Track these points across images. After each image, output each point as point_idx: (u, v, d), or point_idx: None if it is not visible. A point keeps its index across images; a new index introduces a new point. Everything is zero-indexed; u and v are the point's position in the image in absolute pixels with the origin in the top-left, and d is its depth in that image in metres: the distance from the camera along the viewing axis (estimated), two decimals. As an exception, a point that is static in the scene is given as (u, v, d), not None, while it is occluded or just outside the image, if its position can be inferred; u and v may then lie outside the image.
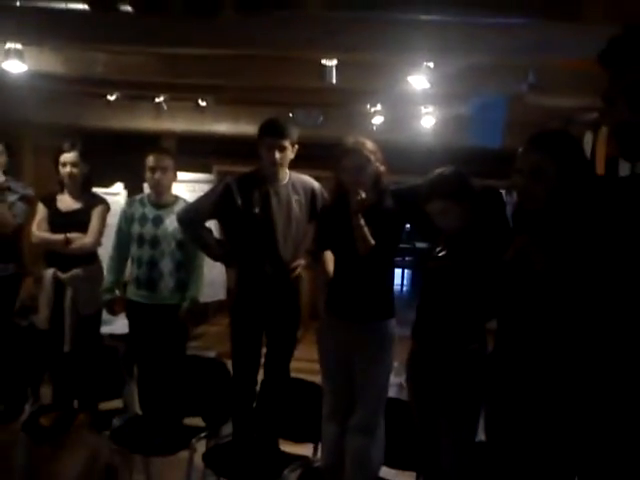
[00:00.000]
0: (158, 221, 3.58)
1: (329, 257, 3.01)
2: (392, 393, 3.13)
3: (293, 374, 3.31)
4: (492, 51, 2.97)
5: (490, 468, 2.18)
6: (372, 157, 2.76)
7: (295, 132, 3.11)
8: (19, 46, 3.39)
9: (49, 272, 3.51)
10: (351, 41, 3.18)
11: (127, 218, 3.62)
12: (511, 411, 2.07)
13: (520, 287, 2.04)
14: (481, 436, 2.41)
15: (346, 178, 2.77)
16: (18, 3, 3.28)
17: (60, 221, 3.52)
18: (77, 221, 3.51)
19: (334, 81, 3.47)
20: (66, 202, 3.58)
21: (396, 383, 3.67)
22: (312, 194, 3.20)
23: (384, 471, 2.88)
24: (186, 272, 3.63)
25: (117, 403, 3.59)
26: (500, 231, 2.30)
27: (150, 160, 3.58)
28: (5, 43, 3.37)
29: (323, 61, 3.52)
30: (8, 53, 3.40)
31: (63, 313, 3.47)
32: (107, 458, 3.26)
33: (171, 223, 3.54)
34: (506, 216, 2.39)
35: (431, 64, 3.33)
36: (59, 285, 3.48)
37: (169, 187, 3.65)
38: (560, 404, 1.93)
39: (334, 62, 3.46)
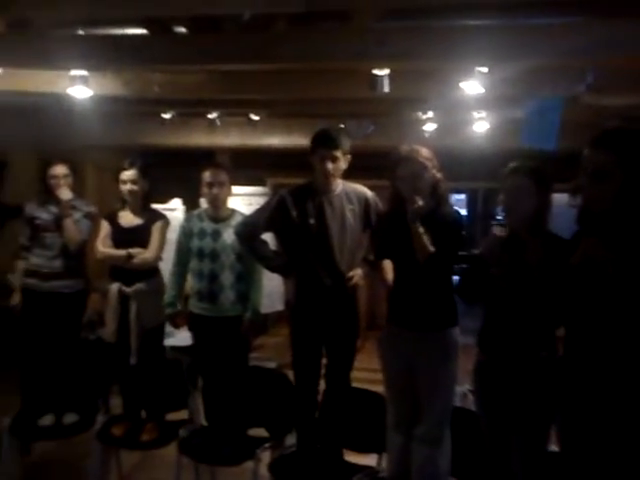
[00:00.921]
0: (216, 235, 3.66)
1: (388, 266, 3.01)
2: (456, 402, 3.10)
3: (353, 384, 3.31)
4: (550, 53, 2.91)
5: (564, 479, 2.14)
6: (428, 164, 2.76)
7: (347, 142, 3.13)
8: (85, 72, 3.54)
9: (114, 287, 3.62)
10: (402, 50, 3.17)
11: (186, 233, 3.71)
12: (586, 420, 2.02)
13: (590, 291, 1.98)
14: (552, 446, 2.37)
15: (402, 186, 2.77)
16: (82, 32, 3.42)
17: (122, 237, 3.63)
18: (138, 237, 3.61)
19: (386, 91, 3.47)
20: (128, 218, 3.69)
21: (460, 392, 3.63)
22: (366, 203, 3.21)
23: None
24: (246, 284, 3.69)
25: (183, 414, 3.66)
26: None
27: (207, 175, 3.66)
28: (70, 70, 3.52)
29: (374, 71, 3.53)
30: (74, 80, 3.55)
31: (128, 326, 3.57)
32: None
33: (229, 236, 3.61)
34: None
35: (484, 69, 3.30)
36: (124, 299, 3.59)
37: (225, 201, 3.73)
38: (636, 411, 1.88)
39: (386, 72, 3.46)
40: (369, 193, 3.25)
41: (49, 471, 3.89)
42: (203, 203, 3.99)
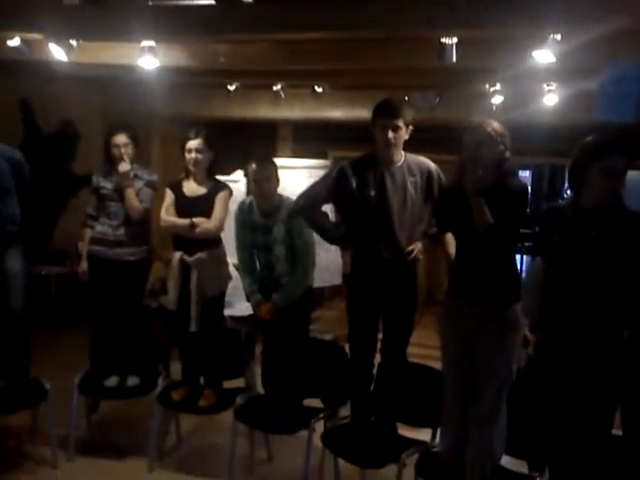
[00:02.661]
0: (267, 230, 3.66)
1: (451, 240, 2.94)
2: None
3: (408, 359, 3.28)
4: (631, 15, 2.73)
5: (628, 464, 2.05)
6: (495, 136, 2.65)
7: (409, 112, 3.07)
8: (152, 43, 3.57)
9: (176, 255, 3.68)
10: (473, 17, 3.06)
11: (239, 224, 3.75)
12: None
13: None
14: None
15: (465, 155, 2.68)
16: (150, 3, 3.45)
17: (186, 206, 3.67)
18: (202, 206, 3.64)
19: (454, 60, 3.36)
20: (191, 188, 3.73)
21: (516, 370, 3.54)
22: (428, 175, 3.14)
23: (504, 459, 2.79)
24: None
25: (239, 382, 3.73)
26: None
27: (253, 172, 3.64)
28: (140, 41, 3.56)
29: (442, 40, 3.43)
30: (143, 50, 3.60)
31: (189, 295, 3.63)
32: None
33: (278, 231, 3.62)
34: None
35: (558, 36, 3.14)
36: (186, 268, 3.65)
37: (274, 194, 3.69)
38: None
39: (454, 40, 3.34)
40: (432, 165, 3.18)
41: (113, 429, 4.06)
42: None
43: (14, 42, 3.71)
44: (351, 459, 3.03)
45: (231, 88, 5.61)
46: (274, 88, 5.59)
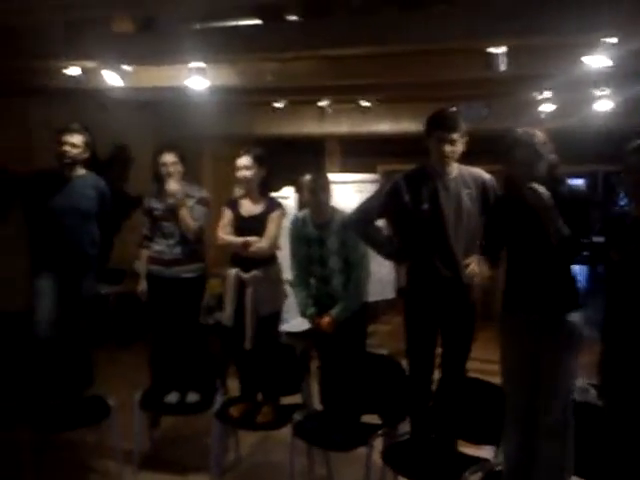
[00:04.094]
0: (321, 243, 3.68)
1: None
2: (576, 396, 2.94)
3: (468, 374, 3.24)
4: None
5: None
6: (542, 149, 2.61)
7: (464, 125, 3.05)
8: (202, 64, 3.66)
9: (232, 272, 3.73)
10: (518, 26, 3.03)
11: (294, 238, 3.78)
12: None
13: None
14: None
15: (517, 172, 2.65)
16: (198, 26, 3.54)
17: (242, 225, 3.73)
18: (256, 225, 3.69)
19: (503, 69, 3.33)
20: (247, 206, 3.79)
21: (579, 386, 3.44)
22: (483, 186, 3.11)
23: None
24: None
25: (296, 398, 3.73)
26: None
27: (308, 182, 3.68)
28: (189, 62, 3.65)
29: (489, 49, 3.40)
30: (191, 71, 3.68)
31: (244, 311, 3.67)
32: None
33: (332, 244, 3.64)
34: None
35: (611, 40, 3.08)
36: (242, 284, 3.69)
37: (328, 204, 3.72)
38: None
39: (502, 49, 3.31)
40: (487, 176, 3.14)
41: (174, 444, 4.11)
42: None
43: (71, 71, 3.86)
44: (413, 477, 2.98)
45: (278, 105, 5.68)
46: (320, 104, 5.63)
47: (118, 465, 3.64)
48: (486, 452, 3.03)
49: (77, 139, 3.89)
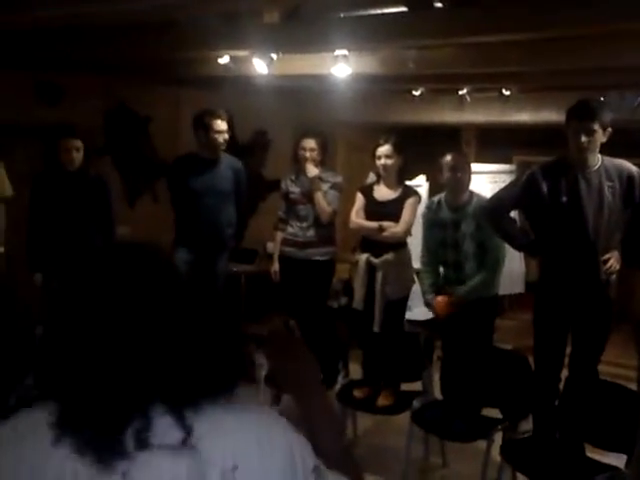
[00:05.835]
0: (456, 226, 3.64)
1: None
2: None
3: (600, 376, 3.09)
4: None
5: None
6: None
7: (607, 115, 2.91)
8: (345, 52, 3.73)
9: (363, 257, 3.80)
10: None
11: (428, 222, 3.76)
12: None
13: None
14: None
15: None
16: (342, 15, 3.60)
17: (375, 210, 3.79)
18: (391, 210, 3.74)
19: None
20: (382, 192, 3.84)
21: None
22: (628, 180, 2.94)
23: None
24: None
25: (416, 385, 3.74)
26: None
27: (449, 159, 3.64)
28: (334, 50, 3.74)
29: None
30: (336, 59, 3.77)
31: (374, 296, 3.72)
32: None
33: (467, 227, 3.58)
34: None
35: None
36: (372, 269, 3.75)
37: (468, 185, 3.67)
38: None
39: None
40: (633, 169, 2.97)
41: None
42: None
43: (224, 60, 4.08)
44: (533, 476, 2.90)
45: (416, 93, 5.64)
46: (460, 92, 5.53)
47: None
48: (613, 459, 2.88)
49: (225, 125, 4.13)
